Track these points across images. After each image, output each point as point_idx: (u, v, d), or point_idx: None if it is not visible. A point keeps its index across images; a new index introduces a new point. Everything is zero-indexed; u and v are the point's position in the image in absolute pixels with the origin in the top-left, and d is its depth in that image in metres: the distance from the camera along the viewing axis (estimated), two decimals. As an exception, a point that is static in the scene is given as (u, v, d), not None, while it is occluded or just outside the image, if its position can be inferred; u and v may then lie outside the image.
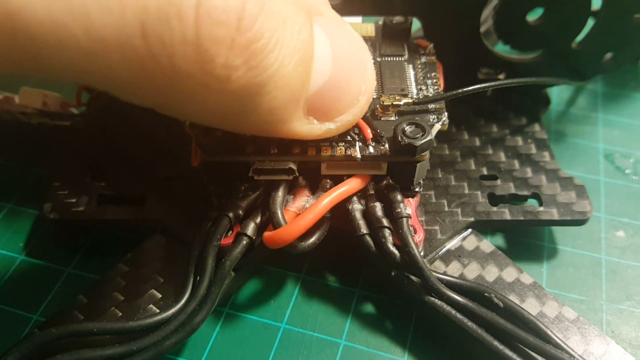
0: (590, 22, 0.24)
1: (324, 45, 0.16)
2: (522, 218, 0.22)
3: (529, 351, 0.18)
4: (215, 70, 0.14)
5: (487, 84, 0.23)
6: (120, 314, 0.19)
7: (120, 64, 0.13)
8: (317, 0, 0.17)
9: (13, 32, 0.12)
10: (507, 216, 0.22)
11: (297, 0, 0.15)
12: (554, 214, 0.22)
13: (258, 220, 0.20)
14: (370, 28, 0.24)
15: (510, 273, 0.21)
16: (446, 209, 0.22)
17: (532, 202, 0.23)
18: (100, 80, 0.14)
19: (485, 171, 0.24)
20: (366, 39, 0.24)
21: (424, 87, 0.21)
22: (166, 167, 0.24)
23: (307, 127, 0.17)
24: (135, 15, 0.12)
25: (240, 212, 0.20)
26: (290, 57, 0.15)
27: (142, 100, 0.15)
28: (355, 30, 0.24)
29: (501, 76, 0.26)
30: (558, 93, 0.30)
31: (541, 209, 0.22)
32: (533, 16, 0.24)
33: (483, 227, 0.23)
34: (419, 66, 0.22)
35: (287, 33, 0.14)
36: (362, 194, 0.20)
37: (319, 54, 0.16)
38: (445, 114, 0.20)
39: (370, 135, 0.19)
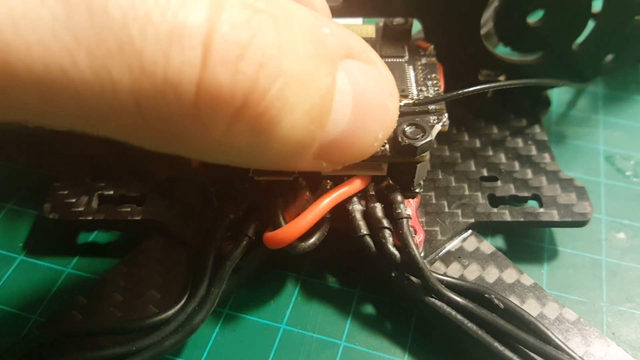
0: (590, 24, 0.24)
1: (345, 96, 0.15)
2: (522, 219, 0.22)
3: (530, 352, 0.18)
4: (216, 137, 0.13)
5: (487, 85, 0.23)
6: (120, 314, 0.19)
7: (115, 128, 0.12)
8: (347, 39, 0.15)
9: (6, 98, 0.11)
10: (508, 217, 0.22)
11: (322, 51, 0.14)
12: (554, 215, 0.22)
13: (258, 220, 0.20)
14: (370, 29, 0.24)
15: (510, 274, 0.21)
16: (446, 210, 0.22)
17: (532, 204, 0.23)
18: (96, 132, 0.13)
19: (485, 172, 0.24)
20: (367, 40, 0.24)
21: (424, 88, 0.21)
22: (166, 167, 0.24)
23: (315, 167, 0.16)
24: (129, 94, 0.11)
25: (240, 212, 0.20)
26: (303, 117, 0.13)
27: (140, 146, 0.14)
28: (356, 32, 0.24)
29: (502, 78, 0.26)
30: (558, 95, 0.30)
31: (541, 210, 0.22)
32: (533, 18, 0.24)
33: (483, 228, 0.23)
34: (420, 67, 0.22)
35: (303, 95, 0.13)
36: (362, 194, 0.20)
37: (338, 105, 0.14)
38: (446, 114, 0.20)
39: (371, 136, 0.19)
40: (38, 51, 0.11)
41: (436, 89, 0.21)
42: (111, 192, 0.23)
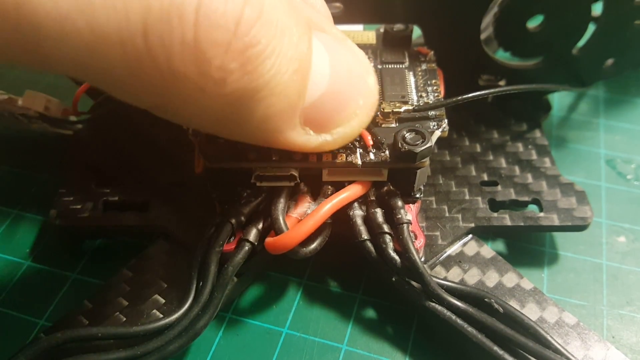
0: (591, 28, 0.24)
1: (322, 59, 0.16)
2: (522, 224, 0.22)
3: (529, 356, 0.18)
4: (211, 72, 0.14)
5: (487, 91, 0.23)
6: (124, 319, 0.20)
7: (119, 62, 0.13)
8: (319, 17, 0.18)
9: (18, 22, 0.12)
10: (508, 222, 0.22)
11: (298, 14, 0.16)
12: (555, 219, 0.22)
13: (260, 226, 0.20)
14: (371, 35, 0.25)
15: (510, 278, 0.21)
16: (447, 214, 0.23)
17: (532, 208, 0.23)
18: (98, 77, 0.14)
19: (485, 177, 0.24)
20: (367, 46, 0.24)
21: (424, 94, 0.22)
22: (170, 173, 0.24)
23: (304, 138, 0.17)
24: (138, 14, 0.13)
25: (243, 218, 0.20)
26: (287, 66, 0.15)
27: (138, 101, 0.15)
28: (357, 38, 0.25)
29: (502, 83, 0.26)
30: (559, 99, 0.30)
31: (542, 214, 0.22)
32: (533, 23, 0.25)
33: (484, 233, 0.23)
34: (420, 73, 0.23)
35: (285, 42, 0.15)
36: (363, 200, 0.21)
37: (316, 66, 0.16)
38: (445, 120, 0.21)
39: (371, 142, 0.20)
40: None
41: (436, 94, 0.22)
42: (116, 198, 0.23)
